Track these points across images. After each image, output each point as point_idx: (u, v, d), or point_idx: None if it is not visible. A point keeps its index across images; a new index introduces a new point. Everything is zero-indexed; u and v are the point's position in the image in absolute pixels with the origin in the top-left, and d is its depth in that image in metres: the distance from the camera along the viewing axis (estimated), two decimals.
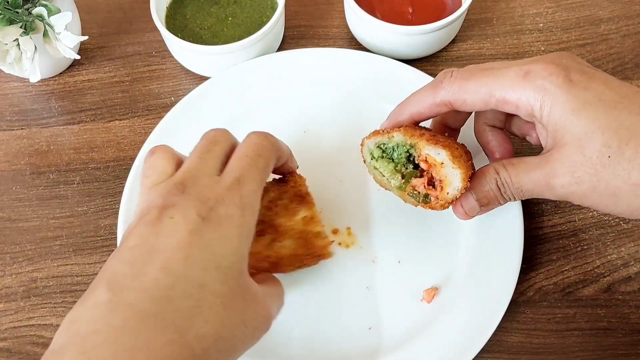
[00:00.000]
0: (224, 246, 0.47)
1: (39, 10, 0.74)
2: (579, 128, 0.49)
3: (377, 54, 0.84)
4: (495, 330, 0.67)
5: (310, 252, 0.64)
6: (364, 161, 0.66)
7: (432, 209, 0.61)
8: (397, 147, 0.62)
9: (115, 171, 0.80)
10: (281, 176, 0.67)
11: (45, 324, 0.71)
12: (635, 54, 0.88)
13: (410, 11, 0.84)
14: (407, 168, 0.62)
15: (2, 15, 0.72)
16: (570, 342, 0.70)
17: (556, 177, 0.52)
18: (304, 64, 0.83)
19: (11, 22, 0.73)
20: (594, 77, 0.52)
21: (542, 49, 0.89)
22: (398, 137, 0.62)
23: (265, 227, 0.63)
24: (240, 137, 0.80)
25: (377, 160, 0.64)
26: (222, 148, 0.55)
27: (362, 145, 0.66)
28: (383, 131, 0.64)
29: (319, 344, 0.68)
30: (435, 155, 0.59)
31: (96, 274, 0.74)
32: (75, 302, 0.72)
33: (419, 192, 0.61)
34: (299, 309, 0.70)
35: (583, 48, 0.89)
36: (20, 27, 0.74)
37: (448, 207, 0.60)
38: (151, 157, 0.55)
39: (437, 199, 0.60)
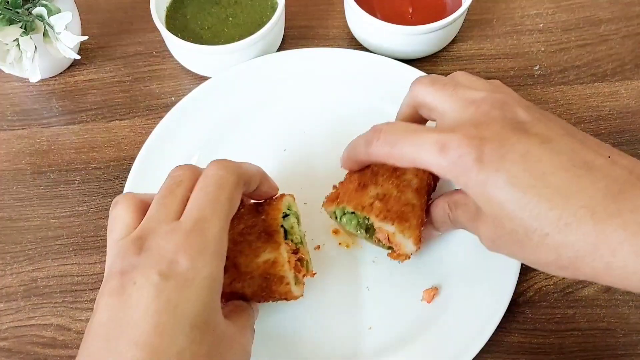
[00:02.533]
0: (194, 303, 0.44)
1: (39, 10, 0.74)
2: (490, 210, 0.49)
3: (377, 54, 0.84)
4: (495, 330, 0.67)
5: (274, 294, 0.61)
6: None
7: (396, 259, 0.67)
8: (353, 214, 0.65)
9: (116, 171, 0.81)
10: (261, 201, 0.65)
11: (46, 324, 0.72)
12: (635, 55, 0.88)
13: (410, 11, 0.84)
14: (368, 220, 0.65)
15: (2, 15, 0.72)
16: (569, 342, 0.70)
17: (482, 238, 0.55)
18: (304, 64, 0.83)
19: (11, 22, 0.73)
20: (509, 153, 0.47)
21: (542, 49, 0.89)
22: (349, 211, 0.65)
23: (227, 265, 0.58)
24: (239, 138, 0.80)
25: (340, 220, 0.67)
26: (185, 188, 0.52)
27: (324, 208, 0.68)
28: (338, 202, 0.66)
29: (320, 344, 0.68)
30: (387, 228, 0.63)
31: (96, 274, 0.75)
32: (75, 302, 0.73)
33: (383, 243, 0.66)
34: (299, 309, 0.70)
35: (583, 49, 0.89)
36: (20, 27, 0.74)
37: (409, 259, 0.66)
38: (114, 210, 0.52)
39: (398, 254, 0.65)
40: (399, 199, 0.64)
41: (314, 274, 0.67)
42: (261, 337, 0.69)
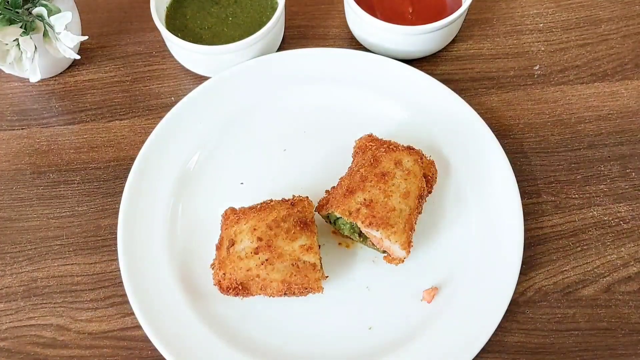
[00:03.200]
0: None
1: (39, 10, 0.74)
2: None
3: (377, 54, 0.84)
4: (495, 330, 0.67)
5: (300, 283, 0.65)
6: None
7: (391, 263, 0.69)
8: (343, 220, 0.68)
9: (115, 171, 0.81)
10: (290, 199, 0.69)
11: (45, 324, 0.72)
12: (635, 54, 0.88)
13: (410, 11, 0.84)
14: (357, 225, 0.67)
15: (2, 15, 0.72)
16: (570, 342, 0.70)
17: None
18: (304, 64, 0.83)
19: (11, 22, 0.73)
20: None
21: (542, 49, 0.89)
22: (338, 215, 0.67)
23: (261, 246, 0.64)
24: (239, 138, 0.80)
25: (335, 224, 0.70)
26: None
27: (316, 212, 0.70)
28: (327, 207, 0.69)
29: (320, 344, 0.69)
30: (373, 233, 0.66)
31: (96, 274, 0.75)
32: (75, 302, 0.73)
33: (377, 247, 0.69)
34: (300, 309, 0.70)
35: (583, 48, 0.89)
36: (20, 27, 0.74)
37: (403, 262, 0.68)
38: None
39: (392, 258, 0.68)
40: (385, 205, 0.66)
41: (327, 277, 0.68)
42: (262, 336, 0.69)
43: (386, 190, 0.66)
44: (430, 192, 0.72)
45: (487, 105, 0.84)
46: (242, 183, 0.78)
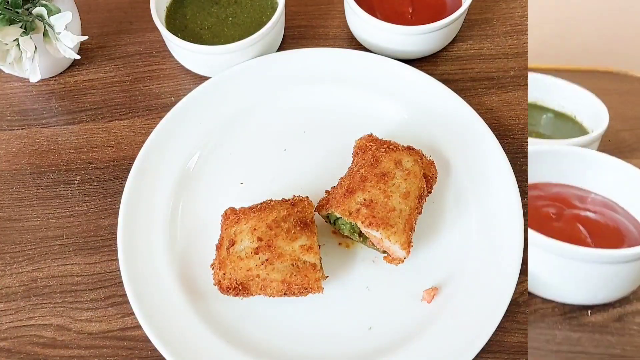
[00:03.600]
0: None
1: (39, 10, 0.74)
2: None
3: (377, 54, 0.84)
4: (495, 330, 0.67)
5: (300, 283, 0.65)
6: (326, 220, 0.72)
7: (391, 263, 0.69)
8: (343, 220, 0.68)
9: (115, 171, 0.81)
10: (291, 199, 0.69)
11: (45, 324, 0.72)
12: None
13: (410, 11, 0.84)
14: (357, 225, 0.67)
15: (2, 15, 0.72)
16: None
17: None
18: (304, 64, 0.83)
19: (11, 22, 0.73)
20: None
21: None
22: (338, 215, 0.67)
23: (261, 246, 0.65)
24: (239, 138, 0.80)
25: (335, 224, 0.70)
26: None
27: (316, 213, 0.70)
28: (327, 207, 0.69)
29: (320, 344, 0.69)
30: (373, 234, 0.66)
31: (96, 273, 0.75)
32: (75, 302, 0.73)
33: (377, 247, 0.69)
34: (300, 309, 0.70)
35: None
36: (21, 27, 0.74)
37: (403, 262, 0.68)
38: None
39: (392, 258, 0.68)
40: (385, 205, 0.66)
41: (327, 277, 0.68)
42: (262, 336, 0.69)
43: (386, 190, 0.66)
44: (430, 192, 0.72)
45: (487, 105, 0.84)
46: (242, 183, 0.78)
